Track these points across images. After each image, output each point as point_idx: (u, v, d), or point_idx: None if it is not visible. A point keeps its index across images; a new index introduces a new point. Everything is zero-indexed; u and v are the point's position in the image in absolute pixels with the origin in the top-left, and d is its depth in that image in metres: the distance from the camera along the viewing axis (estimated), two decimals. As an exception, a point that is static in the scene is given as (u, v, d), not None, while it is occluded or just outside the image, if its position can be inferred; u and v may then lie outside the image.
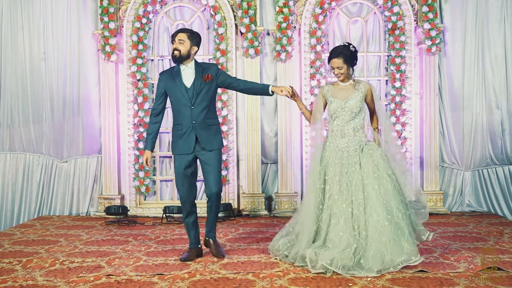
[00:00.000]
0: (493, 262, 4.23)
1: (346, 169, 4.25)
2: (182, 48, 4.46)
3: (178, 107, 4.51)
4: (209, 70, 4.56)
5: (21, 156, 6.88)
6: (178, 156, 4.54)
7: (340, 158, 4.29)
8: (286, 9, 6.47)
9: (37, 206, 6.86)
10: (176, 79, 4.50)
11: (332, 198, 4.22)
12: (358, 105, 4.33)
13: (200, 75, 4.50)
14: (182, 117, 4.49)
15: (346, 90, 4.38)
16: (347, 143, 4.31)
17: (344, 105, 4.33)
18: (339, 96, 4.36)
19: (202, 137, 4.48)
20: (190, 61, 4.54)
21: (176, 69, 4.56)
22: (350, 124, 4.33)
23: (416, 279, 3.92)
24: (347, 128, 4.33)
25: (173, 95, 4.51)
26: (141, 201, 6.71)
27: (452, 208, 6.70)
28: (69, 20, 6.75)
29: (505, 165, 6.72)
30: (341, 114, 4.34)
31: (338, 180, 4.23)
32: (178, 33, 4.52)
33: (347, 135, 4.33)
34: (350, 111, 4.32)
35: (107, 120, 6.65)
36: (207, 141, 4.50)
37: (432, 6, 6.47)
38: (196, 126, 4.47)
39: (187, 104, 4.46)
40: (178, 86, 4.48)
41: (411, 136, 6.56)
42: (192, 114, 4.46)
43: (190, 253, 4.56)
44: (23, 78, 6.82)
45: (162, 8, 6.73)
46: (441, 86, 6.66)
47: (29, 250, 4.97)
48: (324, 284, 3.82)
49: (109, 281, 3.99)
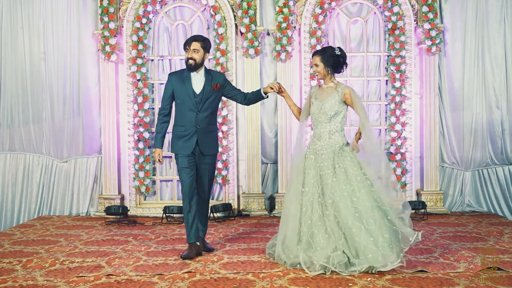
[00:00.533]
0: (493, 262, 4.23)
1: (321, 171, 4.25)
2: (197, 57, 4.59)
3: (183, 110, 4.62)
4: (217, 79, 4.69)
5: (21, 156, 6.88)
6: (181, 154, 4.62)
7: (316, 161, 4.31)
8: (286, 9, 6.48)
9: (37, 206, 6.86)
10: (185, 83, 4.62)
11: (310, 201, 4.22)
12: (333, 108, 4.29)
13: (209, 82, 4.63)
14: (186, 120, 4.60)
15: (326, 93, 4.38)
16: (322, 146, 4.31)
17: (321, 107, 4.34)
18: (320, 98, 4.38)
19: (202, 142, 4.63)
20: (201, 67, 4.67)
21: (186, 73, 4.66)
22: (326, 127, 4.33)
23: (416, 279, 3.92)
24: (323, 131, 4.34)
25: (180, 98, 4.62)
26: (141, 201, 6.71)
27: (452, 208, 6.70)
28: (69, 20, 6.76)
29: (505, 165, 6.72)
30: (319, 116, 4.35)
31: (313, 183, 4.25)
32: (192, 42, 4.60)
33: (322, 138, 4.33)
34: (325, 113, 4.31)
35: (107, 120, 6.65)
36: (206, 146, 4.66)
37: (432, 6, 6.48)
38: (199, 131, 4.60)
39: (194, 109, 4.58)
40: (187, 90, 4.60)
41: (411, 136, 6.56)
42: (196, 119, 4.59)
43: (190, 250, 4.58)
44: (23, 78, 6.82)
45: (162, 8, 6.73)
46: (441, 86, 6.66)
47: (29, 250, 4.97)
48: (324, 284, 3.82)
49: (109, 281, 3.99)
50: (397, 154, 6.54)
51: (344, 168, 4.21)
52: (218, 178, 6.55)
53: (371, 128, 4.64)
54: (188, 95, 4.59)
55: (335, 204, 4.12)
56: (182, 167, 4.62)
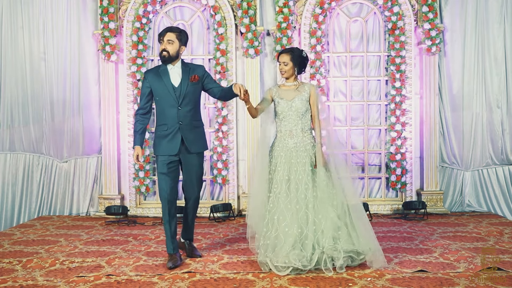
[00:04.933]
0: (493, 262, 4.23)
1: (296, 167, 4.28)
2: (171, 48, 4.35)
3: (164, 107, 4.37)
4: (196, 71, 4.47)
5: (21, 156, 6.88)
6: (162, 157, 4.38)
7: (289, 157, 4.32)
8: (286, 9, 6.47)
9: (37, 206, 6.86)
10: (163, 78, 4.38)
11: (280, 197, 4.23)
12: (304, 105, 4.36)
13: (187, 75, 4.40)
14: (168, 117, 4.36)
15: (292, 91, 4.41)
16: (296, 143, 4.34)
17: (291, 105, 4.36)
18: (286, 97, 4.40)
19: (188, 139, 4.38)
20: (178, 60, 4.44)
21: (162, 68, 4.44)
22: (298, 124, 4.36)
23: (416, 279, 3.92)
24: (295, 128, 4.36)
25: (159, 94, 4.38)
26: (141, 201, 6.71)
27: (452, 208, 6.70)
28: (69, 20, 6.76)
29: (505, 165, 6.72)
30: (288, 115, 4.37)
31: (287, 180, 4.26)
32: (166, 33, 4.37)
33: (295, 135, 4.36)
34: (296, 111, 4.35)
35: (107, 120, 6.65)
36: (193, 143, 4.41)
37: (432, 6, 6.48)
38: (183, 127, 4.36)
39: (174, 104, 4.35)
40: (166, 85, 4.36)
41: (411, 136, 6.56)
42: (178, 115, 4.35)
43: (175, 258, 4.38)
44: (23, 78, 6.82)
45: (162, 8, 6.73)
46: (441, 86, 6.66)
47: (29, 250, 4.97)
48: (324, 284, 3.82)
49: (109, 281, 4.00)
50: (397, 154, 6.54)
51: (317, 171, 4.27)
52: (218, 178, 6.56)
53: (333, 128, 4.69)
54: (167, 89, 4.34)
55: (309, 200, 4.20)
56: (161, 172, 4.38)
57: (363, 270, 4.11)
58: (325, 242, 4.09)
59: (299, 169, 4.26)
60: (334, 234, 4.13)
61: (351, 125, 6.70)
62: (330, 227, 4.13)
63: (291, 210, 4.17)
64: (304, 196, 4.20)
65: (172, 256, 4.41)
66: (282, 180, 4.26)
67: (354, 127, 6.71)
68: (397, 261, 4.38)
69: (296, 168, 4.27)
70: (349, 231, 4.16)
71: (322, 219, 4.15)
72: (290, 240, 4.07)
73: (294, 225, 4.12)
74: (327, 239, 4.10)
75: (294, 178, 4.25)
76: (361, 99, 6.73)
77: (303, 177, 4.24)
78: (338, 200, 4.22)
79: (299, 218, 4.15)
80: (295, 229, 4.11)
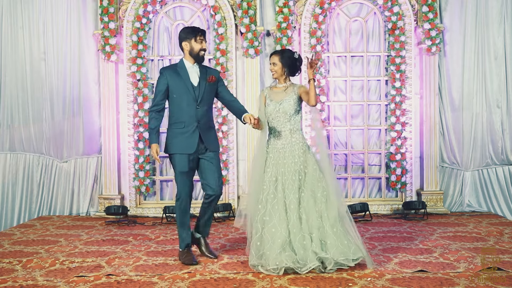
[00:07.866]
0: (493, 262, 4.23)
1: (283, 169, 4.28)
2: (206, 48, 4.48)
3: (181, 105, 4.36)
4: (212, 73, 4.54)
5: (21, 156, 6.89)
6: (180, 156, 4.36)
7: (277, 159, 4.33)
8: (286, 9, 6.47)
9: (37, 206, 6.86)
10: (182, 75, 4.40)
11: (268, 198, 4.24)
12: (293, 107, 4.33)
13: (205, 76, 4.44)
14: (185, 115, 4.35)
15: (281, 93, 4.41)
16: (283, 144, 4.34)
17: (279, 107, 4.35)
18: (275, 99, 4.40)
19: (206, 138, 4.40)
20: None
21: (180, 66, 4.45)
22: (287, 125, 4.35)
23: (416, 279, 3.92)
24: (284, 130, 4.36)
25: (178, 92, 4.36)
26: (141, 201, 6.71)
27: (452, 208, 6.69)
28: (69, 20, 6.76)
29: (505, 165, 6.72)
30: (277, 116, 4.36)
31: (275, 181, 4.27)
32: (204, 33, 4.46)
33: (284, 137, 4.35)
34: (284, 113, 4.34)
35: (107, 120, 6.65)
36: (210, 142, 4.45)
37: (432, 6, 6.47)
38: (201, 126, 4.37)
39: (193, 102, 4.35)
40: (185, 83, 4.37)
41: (411, 136, 6.56)
42: (197, 113, 4.35)
43: (189, 254, 4.46)
44: (23, 78, 6.82)
45: (162, 8, 6.73)
46: (441, 86, 6.66)
47: (29, 250, 4.97)
48: (324, 284, 3.82)
49: (109, 281, 4.00)
50: (397, 154, 6.54)
51: (305, 173, 4.27)
52: (218, 178, 6.56)
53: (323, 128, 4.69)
54: (186, 88, 4.34)
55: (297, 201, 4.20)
56: (181, 171, 4.36)
57: (363, 270, 4.11)
58: (314, 246, 4.07)
59: (286, 170, 4.27)
60: (321, 236, 4.11)
61: (351, 125, 6.70)
62: (317, 230, 4.11)
63: (278, 211, 4.17)
64: (293, 198, 4.19)
65: (186, 252, 4.45)
66: (270, 181, 4.28)
67: (354, 127, 6.71)
68: (397, 261, 4.38)
69: (283, 169, 4.28)
70: (337, 235, 4.11)
71: (309, 220, 4.14)
72: (278, 242, 4.08)
73: (282, 226, 4.12)
74: (315, 241, 4.08)
75: (281, 179, 4.26)
76: (361, 99, 6.73)
77: (288, 178, 4.24)
78: (328, 204, 4.19)
79: (287, 219, 4.15)
80: (283, 230, 4.11)
